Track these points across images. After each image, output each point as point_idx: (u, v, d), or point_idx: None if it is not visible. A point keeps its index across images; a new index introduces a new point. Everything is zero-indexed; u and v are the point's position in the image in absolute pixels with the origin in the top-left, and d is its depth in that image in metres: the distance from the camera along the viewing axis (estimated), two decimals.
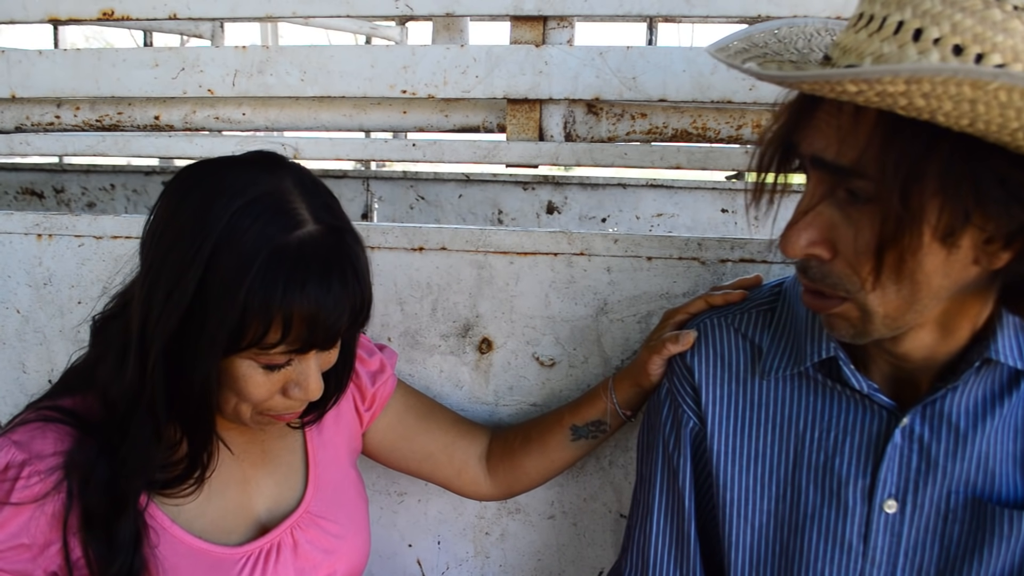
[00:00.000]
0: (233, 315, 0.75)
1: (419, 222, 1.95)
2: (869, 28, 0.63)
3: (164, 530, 0.85)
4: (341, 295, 0.78)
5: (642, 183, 2.83)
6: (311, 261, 0.77)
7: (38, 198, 3.15)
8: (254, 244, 0.75)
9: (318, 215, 0.80)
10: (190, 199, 0.79)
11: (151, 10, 1.36)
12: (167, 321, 0.77)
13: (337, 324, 0.79)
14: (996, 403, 0.77)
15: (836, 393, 0.83)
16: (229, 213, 0.76)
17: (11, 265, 1.25)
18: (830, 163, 0.66)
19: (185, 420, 0.83)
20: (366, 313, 0.84)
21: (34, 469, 0.80)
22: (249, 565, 0.89)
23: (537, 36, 1.27)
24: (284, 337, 0.77)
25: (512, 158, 1.30)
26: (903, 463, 0.79)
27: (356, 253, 0.82)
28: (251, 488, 0.93)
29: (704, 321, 0.92)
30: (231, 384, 0.81)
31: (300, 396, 0.83)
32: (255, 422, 0.86)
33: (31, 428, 0.83)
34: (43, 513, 0.80)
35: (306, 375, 0.83)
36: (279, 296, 0.75)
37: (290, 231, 0.77)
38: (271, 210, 0.77)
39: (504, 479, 1.08)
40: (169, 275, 0.77)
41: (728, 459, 0.87)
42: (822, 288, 0.72)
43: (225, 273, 0.75)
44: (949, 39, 0.58)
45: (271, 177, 0.80)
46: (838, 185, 0.67)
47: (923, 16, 0.59)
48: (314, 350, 0.81)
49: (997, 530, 0.76)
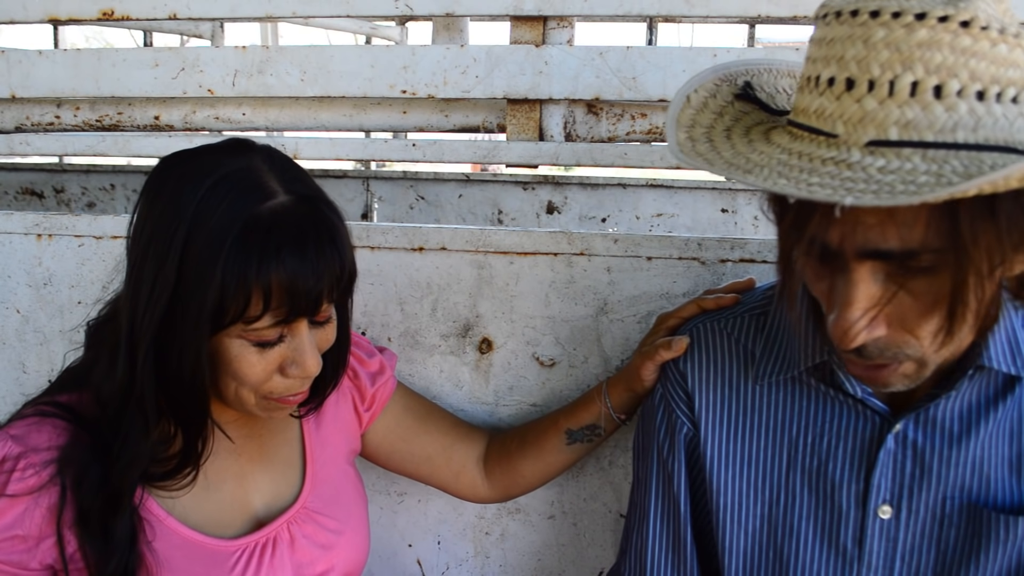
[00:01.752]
0: (212, 293, 0.75)
1: (419, 222, 1.95)
2: (876, 94, 0.60)
3: (160, 522, 0.85)
4: (318, 261, 0.78)
5: (642, 183, 2.83)
6: (284, 229, 0.77)
7: (38, 198, 3.14)
8: (225, 220, 0.76)
9: (290, 187, 0.80)
10: (164, 192, 0.80)
11: (151, 10, 1.36)
12: (153, 312, 0.77)
13: (317, 290, 0.79)
14: (990, 408, 0.77)
15: (829, 398, 0.82)
16: (199, 195, 0.77)
17: (11, 265, 1.25)
18: (893, 252, 0.62)
19: (179, 411, 0.83)
20: (349, 280, 0.83)
21: (29, 462, 0.80)
22: (244, 558, 0.89)
23: (537, 36, 1.27)
24: (266, 308, 0.77)
25: (512, 158, 1.30)
26: (897, 468, 0.79)
27: (331, 220, 0.81)
28: (248, 483, 0.93)
29: (697, 326, 0.91)
30: (226, 367, 0.81)
31: (299, 374, 0.82)
32: (261, 408, 0.85)
33: (27, 422, 0.83)
34: (39, 506, 0.80)
35: (301, 351, 0.82)
36: (255, 267, 0.75)
37: (261, 203, 0.77)
38: (240, 186, 0.78)
39: (501, 482, 1.08)
40: (150, 268, 0.77)
41: (722, 464, 0.87)
42: (884, 361, 0.69)
43: (200, 253, 0.76)
44: (970, 87, 0.57)
45: (240, 157, 0.81)
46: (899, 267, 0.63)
47: (938, 71, 0.58)
48: (301, 320, 0.81)
49: (992, 535, 0.76)
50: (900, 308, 0.65)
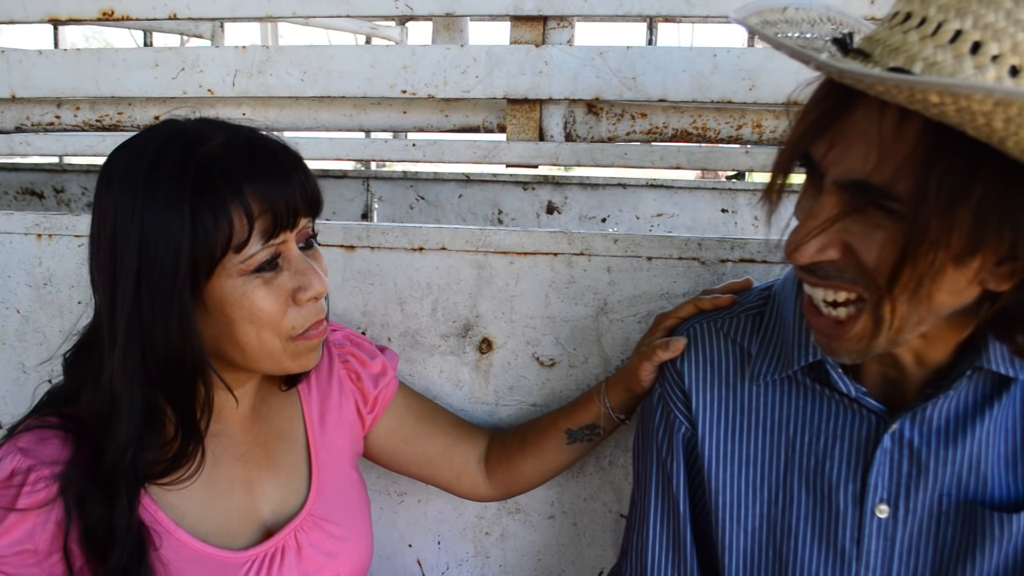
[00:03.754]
0: (185, 241, 0.76)
1: (419, 222, 1.95)
2: (921, 30, 0.60)
3: (169, 533, 0.85)
4: (283, 167, 0.81)
5: (642, 183, 2.83)
6: (239, 153, 0.79)
7: (38, 198, 3.14)
8: (177, 173, 0.77)
9: (229, 129, 0.83)
10: (111, 183, 0.80)
11: (151, 10, 1.36)
12: (126, 292, 0.77)
13: (290, 194, 0.80)
14: (985, 407, 0.77)
15: (825, 397, 0.83)
16: (143, 168, 0.78)
17: (11, 265, 1.25)
18: (862, 182, 0.63)
19: (176, 389, 0.82)
20: (315, 192, 0.85)
21: (40, 475, 0.80)
22: (254, 569, 0.88)
23: (537, 36, 1.27)
24: (251, 225, 0.78)
25: (512, 158, 1.30)
26: (893, 468, 0.79)
27: (278, 139, 0.84)
28: (255, 490, 0.93)
29: (694, 326, 0.92)
30: (240, 312, 0.80)
31: (310, 295, 0.83)
32: (291, 356, 0.85)
33: (35, 434, 0.82)
34: (48, 520, 0.80)
35: (302, 271, 0.83)
36: (226, 190, 0.77)
37: (205, 145, 0.79)
38: (181, 143, 0.79)
39: (502, 481, 1.09)
40: (118, 251, 0.78)
41: (719, 463, 0.87)
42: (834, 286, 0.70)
43: (160, 214, 0.76)
44: (1008, 58, 0.57)
45: (171, 125, 0.83)
46: (863, 203, 0.65)
47: (984, 29, 0.57)
48: (288, 240, 0.82)
49: (989, 533, 0.76)
50: (864, 244, 0.66)
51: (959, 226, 0.59)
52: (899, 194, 0.61)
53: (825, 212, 0.67)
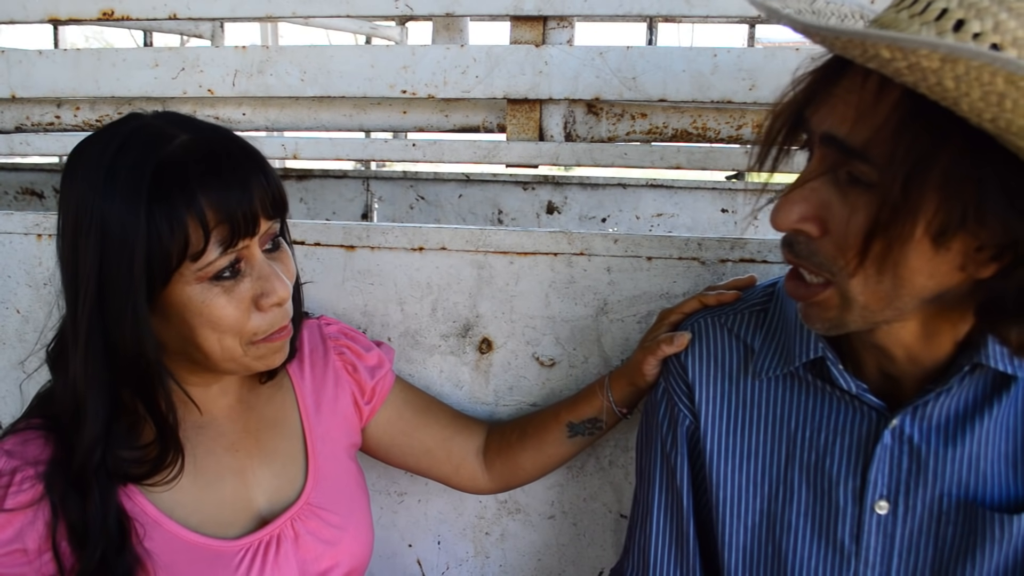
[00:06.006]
0: (140, 245, 0.75)
1: (419, 222, 1.95)
2: (912, 9, 0.62)
3: (158, 525, 0.85)
4: (240, 174, 0.79)
5: (642, 183, 2.83)
6: (198, 157, 0.77)
7: (38, 198, 3.14)
8: (135, 174, 0.76)
9: (190, 129, 0.81)
10: (73, 181, 0.80)
11: (151, 10, 1.36)
12: (87, 291, 0.77)
13: (248, 202, 0.78)
14: (985, 406, 0.77)
15: (826, 393, 0.83)
16: (104, 167, 0.77)
17: (11, 265, 1.25)
18: (840, 140, 0.65)
19: (141, 390, 0.81)
20: (278, 193, 0.83)
21: (25, 475, 0.80)
22: (248, 557, 0.88)
23: (537, 36, 1.27)
24: (207, 235, 0.76)
25: (512, 158, 1.30)
26: (893, 464, 0.79)
27: (241, 141, 0.82)
28: (248, 479, 0.93)
29: (698, 321, 0.93)
30: (199, 318, 0.79)
31: (272, 302, 0.82)
32: (253, 358, 0.84)
33: (20, 436, 0.83)
34: (38, 519, 0.80)
35: (265, 276, 0.82)
36: (181, 198, 0.75)
37: (165, 146, 0.78)
38: (140, 142, 0.78)
39: (501, 473, 1.09)
40: (80, 252, 0.77)
41: (721, 458, 0.87)
42: (806, 266, 0.72)
43: (119, 215, 0.75)
44: (988, 36, 0.58)
45: (133, 122, 0.81)
46: (841, 165, 0.67)
47: (968, 8, 0.59)
48: (250, 245, 0.81)
49: (989, 533, 0.76)
50: (837, 218, 0.68)
51: (928, 194, 0.61)
52: (873, 157, 0.63)
53: (807, 171, 0.70)
